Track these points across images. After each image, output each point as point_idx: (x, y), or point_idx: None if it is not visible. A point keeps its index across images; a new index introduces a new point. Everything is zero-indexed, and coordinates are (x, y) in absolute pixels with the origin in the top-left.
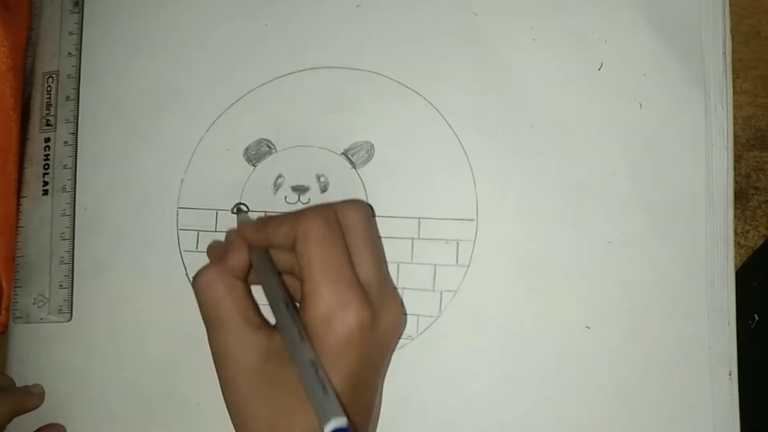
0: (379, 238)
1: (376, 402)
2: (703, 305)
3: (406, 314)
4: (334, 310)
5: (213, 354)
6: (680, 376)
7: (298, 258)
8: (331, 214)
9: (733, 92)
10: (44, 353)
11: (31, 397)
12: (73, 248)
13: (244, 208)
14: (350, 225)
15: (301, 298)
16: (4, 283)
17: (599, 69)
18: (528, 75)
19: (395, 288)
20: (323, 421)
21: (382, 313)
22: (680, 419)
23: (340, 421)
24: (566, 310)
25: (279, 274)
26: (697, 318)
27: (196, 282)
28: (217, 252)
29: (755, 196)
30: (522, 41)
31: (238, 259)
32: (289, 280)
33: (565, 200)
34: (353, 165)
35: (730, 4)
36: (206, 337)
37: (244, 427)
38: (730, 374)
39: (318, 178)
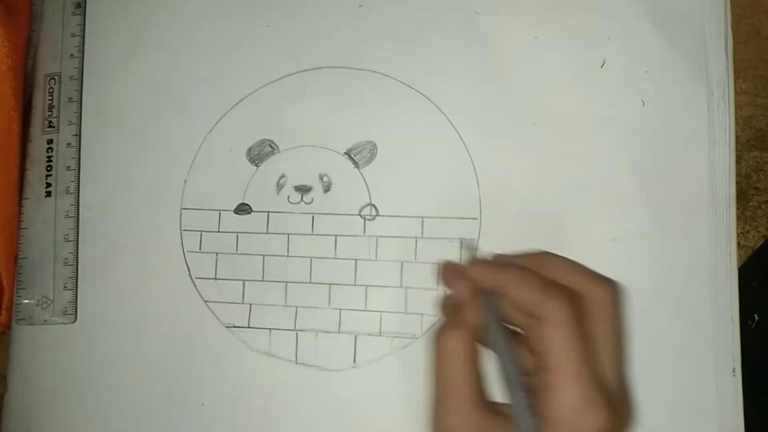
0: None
1: None
2: (706, 302)
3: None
4: (577, 413)
5: (431, 423)
6: (684, 373)
7: (539, 341)
8: (581, 299)
9: (734, 92)
10: (49, 355)
11: None
12: (77, 250)
13: (472, 243)
14: (599, 313)
15: (538, 384)
16: (5, 283)
17: (601, 66)
18: (530, 73)
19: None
20: None
21: (621, 419)
22: (685, 417)
23: None
24: None
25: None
26: (700, 315)
27: (439, 344)
28: (449, 308)
29: (755, 196)
30: (524, 39)
31: (475, 317)
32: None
33: (568, 198)
34: (356, 165)
35: (730, 4)
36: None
37: None
38: (734, 371)
39: (321, 178)
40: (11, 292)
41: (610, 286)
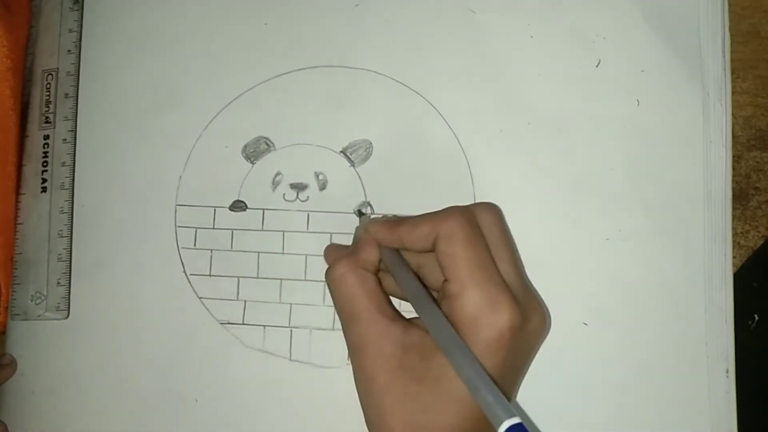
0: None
1: None
2: (700, 302)
3: (549, 317)
4: (483, 311)
5: (349, 346)
6: (677, 373)
7: (442, 257)
8: (472, 214)
9: (733, 92)
10: (42, 350)
11: (2, 369)
12: (71, 245)
13: (367, 210)
14: (488, 227)
15: (443, 298)
16: (2, 284)
17: (597, 66)
18: (525, 72)
19: (536, 291)
20: (496, 420)
21: (529, 315)
22: (677, 417)
23: (515, 420)
24: (563, 307)
25: None
26: (694, 315)
27: (328, 276)
28: (335, 252)
29: (755, 196)
30: (519, 38)
31: (370, 254)
32: None
33: (563, 197)
34: (352, 163)
35: (730, 4)
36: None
37: (379, 419)
38: (727, 372)
39: (317, 175)
40: (8, 292)
41: (491, 205)
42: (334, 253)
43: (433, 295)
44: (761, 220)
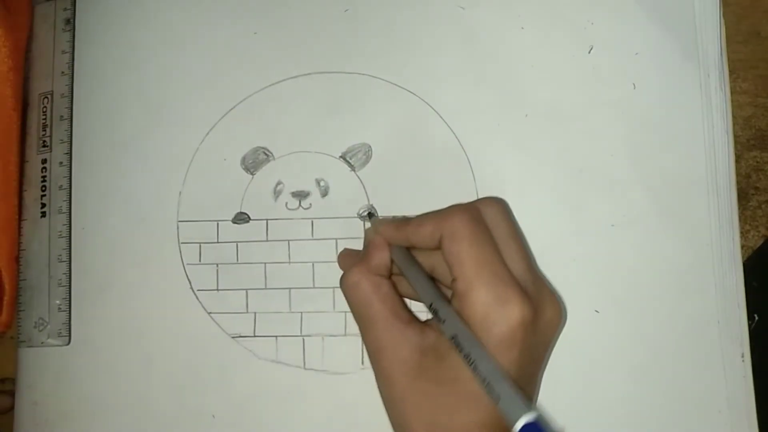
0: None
1: (534, 398)
2: (711, 286)
3: (564, 307)
4: (492, 308)
5: (368, 351)
6: (691, 357)
7: (447, 256)
8: (476, 211)
9: (733, 92)
10: (52, 377)
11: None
12: (70, 270)
13: (375, 212)
14: (494, 221)
15: (453, 297)
16: (5, 282)
17: (589, 52)
18: (519, 64)
19: (549, 282)
20: (513, 416)
21: (542, 308)
22: (693, 401)
23: (532, 415)
24: (574, 296)
25: None
26: (705, 299)
27: (343, 284)
28: (348, 259)
29: (755, 196)
30: (510, 31)
31: (381, 257)
32: None
33: (566, 186)
34: (352, 167)
35: (730, 5)
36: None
37: (402, 422)
38: (743, 356)
39: (318, 182)
40: (12, 291)
41: (496, 199)
42: (346, 260)
43: (447, 294)
44: (761, 220)
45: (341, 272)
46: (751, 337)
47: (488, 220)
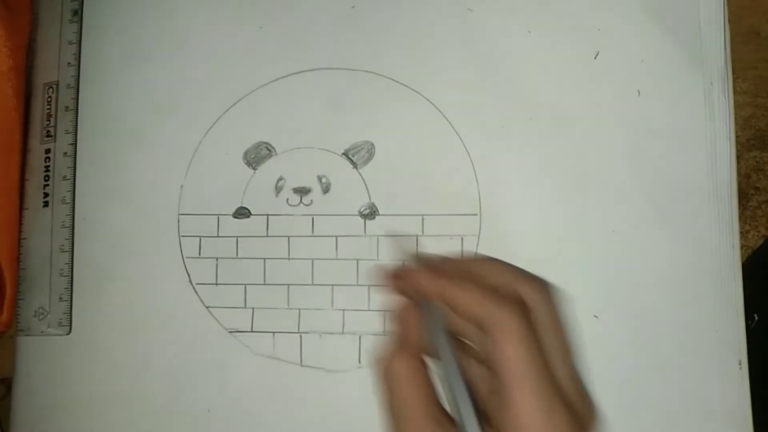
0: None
1: None
2: (710, 293)
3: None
4: (536, 419)
5: None
6: (689, 363)
7: (496, 354)
8: (523, 304)
9: (733, 92)
10: (50, 367)
11: None
12: (72, 260)
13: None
14: (543, 318)
15: (493, 391)
16: (6, 282)
17: (595, 58)
18: (525, 67)
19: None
20: None
21: (585, 424)
22: (690, 407)
23: None
24: (574, 301)
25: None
26: (704, 306)
27: (386, 371)
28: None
29: (755, 196)
30: (517, 34)
31: (419, 334)
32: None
33: (567, 191)
34: (354, 165)
35: (730, 5)
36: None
37: None
38: (740, 363)
39: (320, 179)
40: (13, 291)
41: (547, 288)
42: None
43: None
44: (761, 220)
45: (341, 271)
46: (751, 336)
47: (538, 315)
